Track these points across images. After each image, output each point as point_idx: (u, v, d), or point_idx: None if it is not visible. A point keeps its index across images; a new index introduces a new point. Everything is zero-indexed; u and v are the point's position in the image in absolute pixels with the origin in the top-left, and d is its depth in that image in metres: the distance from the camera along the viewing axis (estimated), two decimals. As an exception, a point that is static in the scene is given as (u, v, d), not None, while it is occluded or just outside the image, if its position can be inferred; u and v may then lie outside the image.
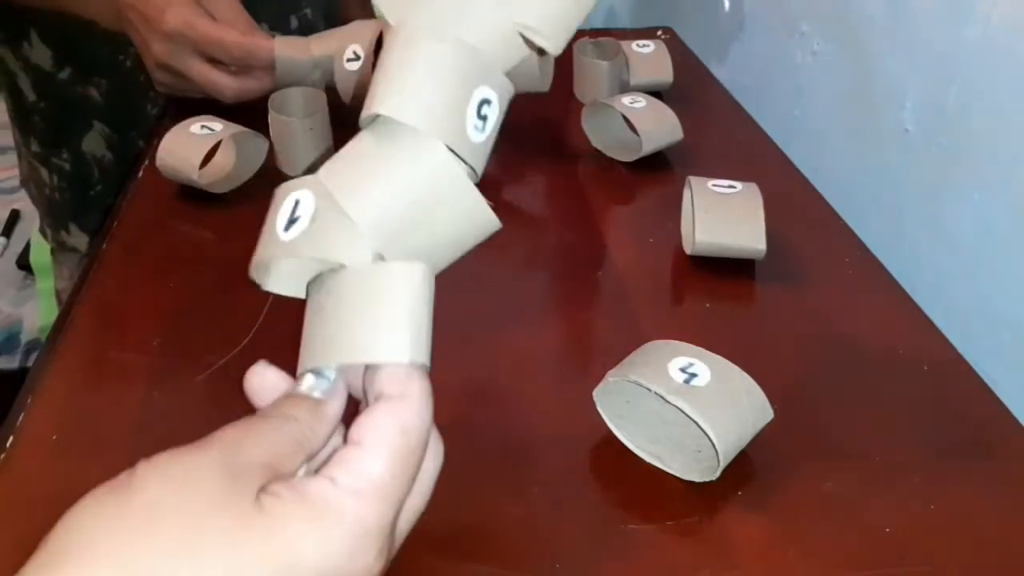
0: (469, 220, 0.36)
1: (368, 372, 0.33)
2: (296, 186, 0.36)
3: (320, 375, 0.33)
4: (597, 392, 0.44)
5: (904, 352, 0.51)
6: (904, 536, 0.40)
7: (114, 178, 0.94)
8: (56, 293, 1.07)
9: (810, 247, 0.60)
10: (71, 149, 0.93)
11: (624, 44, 0.80)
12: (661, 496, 0.42)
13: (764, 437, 0.43)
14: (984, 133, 0.60)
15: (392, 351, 0.32)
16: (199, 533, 0.27)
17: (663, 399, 0.40)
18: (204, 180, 0.63)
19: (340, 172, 0.36)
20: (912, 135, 0.68)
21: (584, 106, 0.72)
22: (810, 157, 0.74)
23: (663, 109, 0.70)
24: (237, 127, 0.64)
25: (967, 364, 0.50)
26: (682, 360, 0.42)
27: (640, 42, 0.81)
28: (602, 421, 0.44)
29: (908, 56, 0.68)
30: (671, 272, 0.58)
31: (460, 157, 0.35)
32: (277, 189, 0.37)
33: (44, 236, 1.03)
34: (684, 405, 0.40)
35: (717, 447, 0.40)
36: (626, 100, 0.70)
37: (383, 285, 0.34)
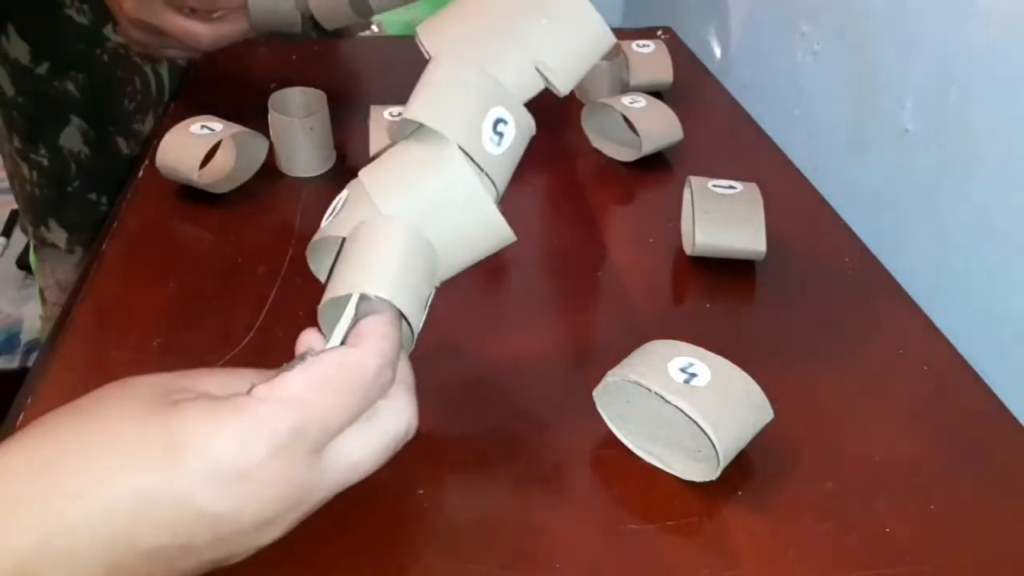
0: (480, 224, 0.41)
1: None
2: (346, 189, 0.43)
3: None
4: (597, 392, 0.44)
5: (904, 352, 0.51)
6: (904, 536, 0.40)
7: (91, 174, 0.94)
8: (39, 291, 1.06)
9: (810, 247, 0.60)
10: (48, 145, 0.92)
11: (624, 44, 0.80)
12: (661, 496, 0.42)
13: (764, 437, 0.43)
14: (984, 133, 0.60)
15: (354, 286, 0.38)
16: (112, 419, 0.32)
17: (663, 399, 0.40)
18: (204, 180, 0.63)
19: (373, 170, 0.42)
20: (912, 135, 0.68)
21: (584, 106, 0.72)
22: (810, 157, 0.74)
23: (663, 109, 0.70)
24: (237, 127, 0.64)
25: (967, 364, 0.50)
26: (682, 360, 0.42)
27: (640, 42, 0.81)
28: (602, 421, 0.44)
29: (908, 56, 0.68)
30: (671, 272, 0.58)
31: (478, 165, 0.40)
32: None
33: (25, 232, 1.02)
34: (684, 405, 0.40)
35: (717, 447, 0.40)
36: (626, 100, 0.70)
37: (362, 234, 0.40)
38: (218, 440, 0.32)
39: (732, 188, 0.57)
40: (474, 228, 0.41)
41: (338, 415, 0.34)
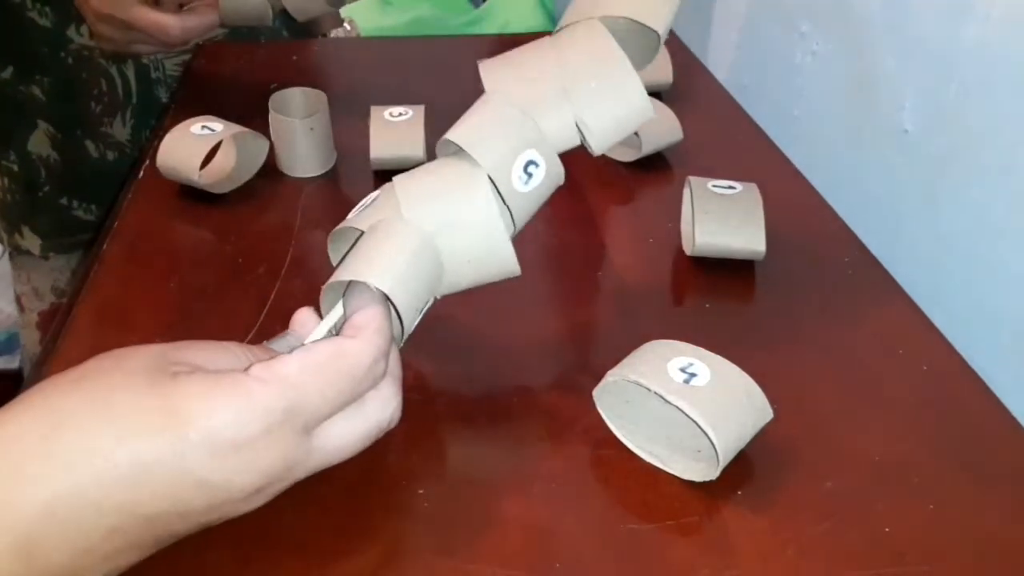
0: (490, 250, 0.43)
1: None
2: (379, 190, 0.45)
3: (285, 338, 0.41)
4: (597, 392, 0.44)
5: (904, 352, 0.51)
6: (904, 536, 0.40)
7: (61, 179, 0.93)
8: (16, 297, 1.04)
9: (810, 247, 0.60)
10: (17, 150, 0.91)
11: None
12: (661, 496, 0.42)
13: (764, 437, 0.43)
14: (983, 133, 0.60)
15: (359, 274, 0.40)
16: (120, 388, 0.33)
17: (663, 399, 0.40)
18: (204, 180, 0.63)
19: (406, 177, 0.44)
20: (912, 135, 0.68)
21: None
22: (810, 157, 0.74)
23: (663, 109, 0.70)
24: (237, 127, 0.64)
25: (967, 364, 0.50)
26: (682, 360, 0.42)
27: (640, 42, 0.81)
28: (602, 421, 0.44)
29: (908, 56, 0.68)
30: (671, 272, 0.58)
31: (502, 197, 0.43)
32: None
33: (0, 241, 1.01)
34: (684, 405, 0.40)
35: (717, 447, 0.40)
36: (626, 100, 0.69)
37: (379, 230, 0.42)
38: (217, 414, 0.33)
39: (732, 188, 0.57)
40: (483, 252, 0.43)
41: (329, 401, 0.36)
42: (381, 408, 0.39)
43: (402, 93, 0.74)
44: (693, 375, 0.41)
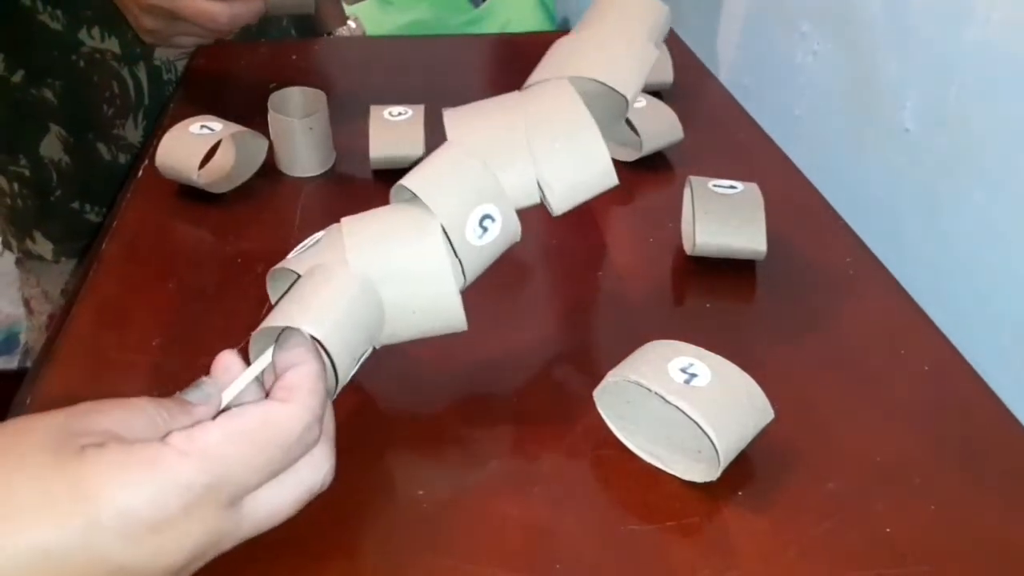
0: (436, 301, 0.42)
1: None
2: (323, 231, 0.44)
3: (202, 387, 0.37)
4: (597, 392, 0.44)
5: (904, 352, 0.51)
6: (904, 536, 0.40)
7: (73, 182, 0.92)
8: (25, 301, 1.04)
9: (810, 247, 0.60)
10: (29, 155, 0.91)
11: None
12: (661, 496, 0.42)
13: (764, 437, 0.43)
14: (984, 133, 0.60)
15: (292, 320, 0.38)
16: (19, 469, 0.30)
17: (663, 399, 0.40)
18: (204, 180, 0.63)
19: (354, 220, 0.43)
20: (912, 135, 0.68)
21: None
22: (810, 157, 0.74)
23: (663, 109, 0.70)
24: (237, 127, 0.64)
25: (967, 364, 0.50)
26: (682, 360, 0.42)
27: (640, 42, 0.81)
28: (602, 421, 0.44)
29: (908, 56, 0.68)
30: (671, 272, 0.58)
31: (454, 250, 0.42)
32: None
33: (9, 247, 1.00)
34: (684, 405, 0.40)
35: (717, 447, 0.40)
36: (626, 100, 0.69)
37: (317, 274, 0.41)
38: (131, 492, 0.31)
39: (732, 188, 0.57)
40: (429, 304, 0.42)
41: (257, 471, 0.34)
42: (313, 471, 0.36)
43: (402, 93, 0.74)
44: (694, 375, 0.41)
